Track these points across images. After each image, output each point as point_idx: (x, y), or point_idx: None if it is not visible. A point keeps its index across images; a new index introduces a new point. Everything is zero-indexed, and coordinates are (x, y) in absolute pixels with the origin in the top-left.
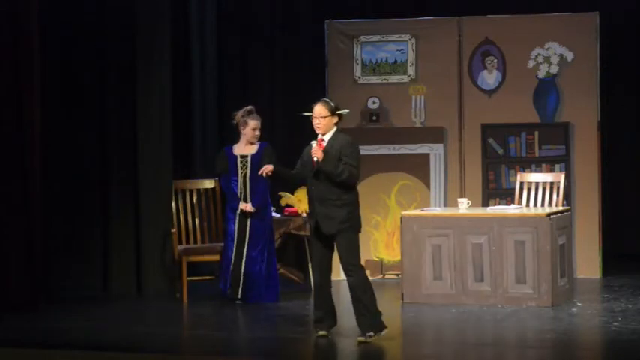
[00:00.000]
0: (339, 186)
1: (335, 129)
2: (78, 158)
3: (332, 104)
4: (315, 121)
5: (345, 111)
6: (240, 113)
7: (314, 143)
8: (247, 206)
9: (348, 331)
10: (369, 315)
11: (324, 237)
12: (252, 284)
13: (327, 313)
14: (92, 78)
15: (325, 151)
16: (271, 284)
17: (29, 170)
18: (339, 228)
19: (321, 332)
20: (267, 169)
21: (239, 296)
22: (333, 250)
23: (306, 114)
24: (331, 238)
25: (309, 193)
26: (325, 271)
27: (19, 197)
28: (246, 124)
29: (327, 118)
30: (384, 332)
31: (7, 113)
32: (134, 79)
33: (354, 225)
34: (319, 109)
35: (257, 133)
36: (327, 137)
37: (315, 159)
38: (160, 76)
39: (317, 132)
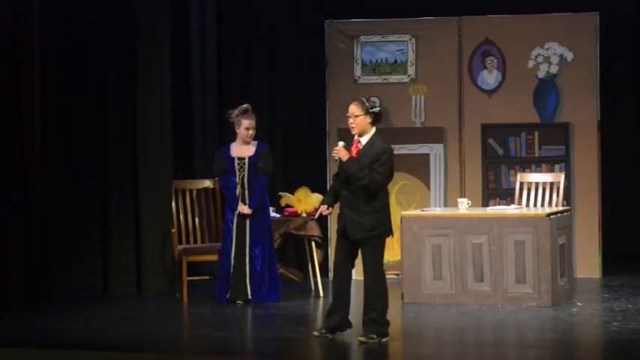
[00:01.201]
0: (371, 193)
1: (373, 131)
2: (78, 158)
3: (367, 104)
4: (349, 121)
5: (377, 108)
6: (235, 112)
7: (341, 143)
8: (244, 208)
9: (349, 331)
10: (374, 325)
11: (350, 242)
12: (253, 284)
13: (335, 316)
14: (92, 78)
15: (360, 154)
16: (273, 284)
17: (29, 170)
18: (366, 235)
19: (315, 332)
20: (323, 210)
21: (249, 297)
22: (355, 257)
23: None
24: (357, 243)
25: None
26: (345, 276)
27: (19, 197)
28: (240, 123)
29: (360, 117)
30: (385, 339)
31: (7, 113)
32: (134, 79)
33: (381, 232)
34: (353, 108)
35: (250, 132)
36: (365, 139)
37: (336, 158)
38: (160, 76)
39: (352, 132)
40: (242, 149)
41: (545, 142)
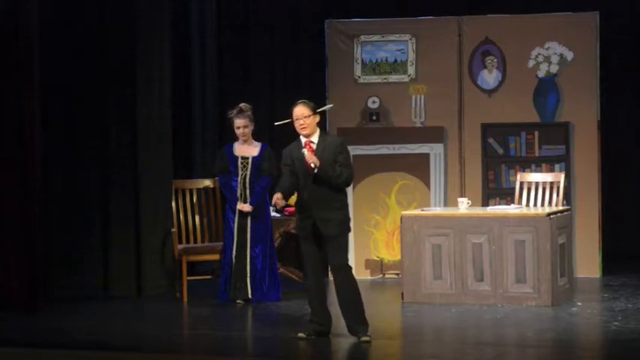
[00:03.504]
0: (336, 188)
1: (319, 130)
2: (78, 158)
3: (311, 103)
4: (299, 122)
5: (328, 106)
6: (232, 113)
7: (305, 151)
8: (244, 206)
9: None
10: (366, 323)
11: (318, 240)
12: (254, 284)
13: (320, 315)
14: (92, 78)
15: (317, 154)
16: (273, 284)
17: (29, 170)
18: (340, 229)
19: (300, 334)
20: (278, 199)
21: (249, 296)
22: (324, 254)
23: (281, 122)
24: (322, 240)
25: (301, 196)
26: (321, 274)
27: (19, 197)
28: (233, 123)
29: (310, 117)
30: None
31: (7, 113)
32: (134, 79)
33: (349, 226)
34: (302, 110)
35: (241, 131)
36: (314, 139)
37: (312, 164)
38: (160, 76)
39: (302, 133)
40: (245, 149)
41: (545, 141)
